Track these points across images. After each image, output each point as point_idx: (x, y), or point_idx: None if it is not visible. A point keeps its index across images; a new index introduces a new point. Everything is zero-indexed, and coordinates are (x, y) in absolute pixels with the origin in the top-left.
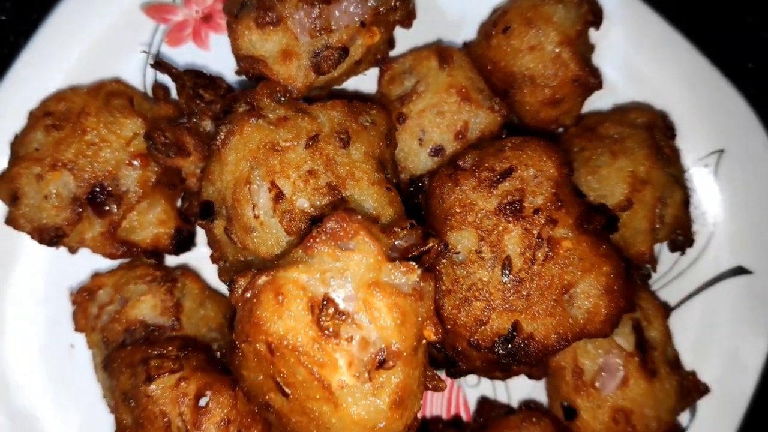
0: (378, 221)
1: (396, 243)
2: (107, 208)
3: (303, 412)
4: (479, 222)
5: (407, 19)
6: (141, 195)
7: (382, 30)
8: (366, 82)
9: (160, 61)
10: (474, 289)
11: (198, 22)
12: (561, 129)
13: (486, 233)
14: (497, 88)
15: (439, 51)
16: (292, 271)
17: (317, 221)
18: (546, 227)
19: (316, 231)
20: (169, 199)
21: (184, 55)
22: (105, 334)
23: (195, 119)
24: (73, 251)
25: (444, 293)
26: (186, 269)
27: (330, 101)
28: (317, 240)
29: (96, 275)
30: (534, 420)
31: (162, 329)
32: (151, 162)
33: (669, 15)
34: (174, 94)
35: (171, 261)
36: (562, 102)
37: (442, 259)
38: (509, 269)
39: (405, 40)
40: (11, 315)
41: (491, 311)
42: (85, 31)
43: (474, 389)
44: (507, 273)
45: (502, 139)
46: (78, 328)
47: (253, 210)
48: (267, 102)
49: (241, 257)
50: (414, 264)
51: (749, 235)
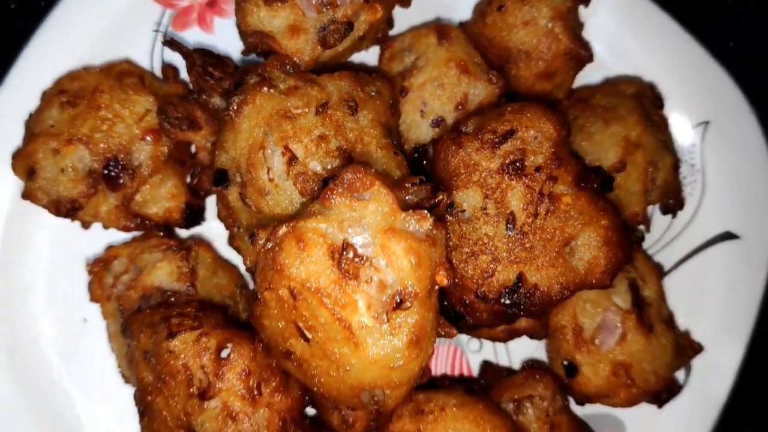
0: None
1: (407, 198)
2: (121, 181)
3: (324, 355)
4: (483, 181)
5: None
6: (153, 169)
7: (383, 7)
8: (368, 60)
9: (171, 40)
10: (480, 244)
11: (203, 7)
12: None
13: (490, 191)
14: (494, 63)
15: (438, 28)
16: (311, 221)
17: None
18: (547, 184)
19: (333, 183)
20: (180, 175)
21: (189, 39)
22: (121, 302)
23: (205, 96)
24: (87, 226)
25: (451, 249)
26: (199, 239)
27: (337, 72)
28: (334, 192)
29: (110, 247)
30: (537, 377)
31: (178, 294)
32: (163, 137)
33: None
34: (182, 74)
35: (181, 235)
36: (555, 75)
37: (449, 217)
38: (513, 224)
39: (403, 21)
40: (26, 290)
41: (497, 264)
42: (95, 15)
43: (476, 354)
44: (511, 227)
45: (502, 105)
46: (93, 298)
47: (268, 173)
48: (277, 73)
49: (255, 221)
50: (426, 212)
51: (736, 202)
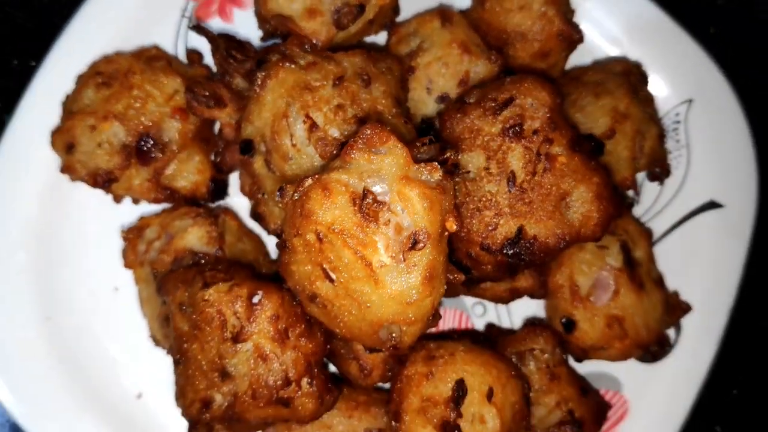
0: None
1: (418, 155)
2: (153, 155)
3: (346, 294)
4: (486, 144)
5: None
6: (181, 145)
7: None
8: (377, 43)
9: (198, 25)
10: (484, 200)
11: None
12: None
13: (492, 153)
14: (493, 46)
15: (441, 13)
16: (334, 174)
17: None
18: (543, 145)
19: (353, 140)
20: (205, 152)
21: (210, 28)
22: (154, 266)
23: (228, 77)
24: (119, 200)
25: (459, 206)
26: (225, 208)
27: (351, 50)
28: (354, 147)
29: (143, 217)
30: (537, 332)
31: (208, 257)
32: (190, 116)
33: None
34: (205, 59)
35: None
36: (549, 55)
37: (456, 177)
38: (513, 182)
39: (408, 8)
40: (61, 263)
41: (499, 218)
42: (124, 6)
43: (481, 318)
44: (512, 185)
45: (502, 77)
46: (127, 264)
47: (291, 140)
48: (297, 51)
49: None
50: (437, 164)
51: (719, 174)
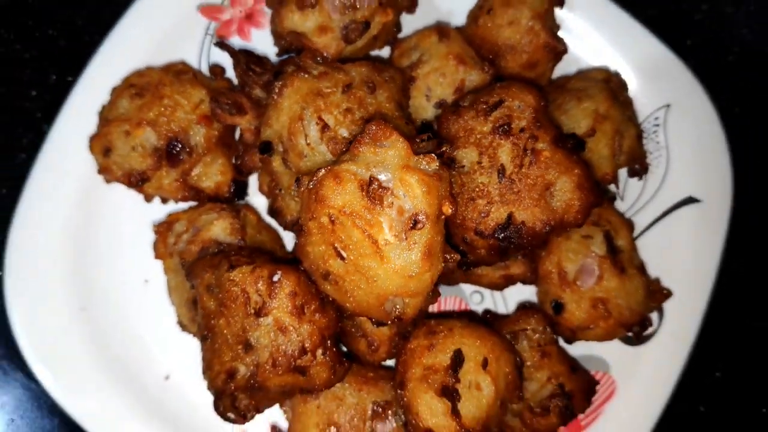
0: None
1: (417, 149)
2: (181, 158)
3: (356, 270)
4: (478, 141)
5: (412, 6)
6: (206, 149)
7: (393, 12)
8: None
9: (221, 42)
10: (477, 191)
11: (242, 20)
12: None
13: (484, 149)
14: (485, 58)
15: (438, 29)
16: (344, 165)
17: None
18: (529, 141)
19: (360, 136)
20: (227, 156)
21: (231, 45)
22: (182, 256)
23: (248, 88)
24: (149, 200)
25: (455, 196)
26: (245, 204)
27: (358, 62)
28: (361, 142)
29: (172, 213)
30: (529, 314)
31: (231, 246)
32: (214, 123)
33: (622, 3)
34: (227, 73)
35: None
36: (537, 65)
37: (452, 171)
38: (503, 174)
39: (409, 26)
40: (96, 258)
41: (491, 206)
42: (153, 27)
43: (478, 306)
44: (501, 176)
45: (493, 84)
46: (158, 255)
47: (305, 139)
48: (310, 63)
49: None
50: (434, 155)
51: (696, 171)
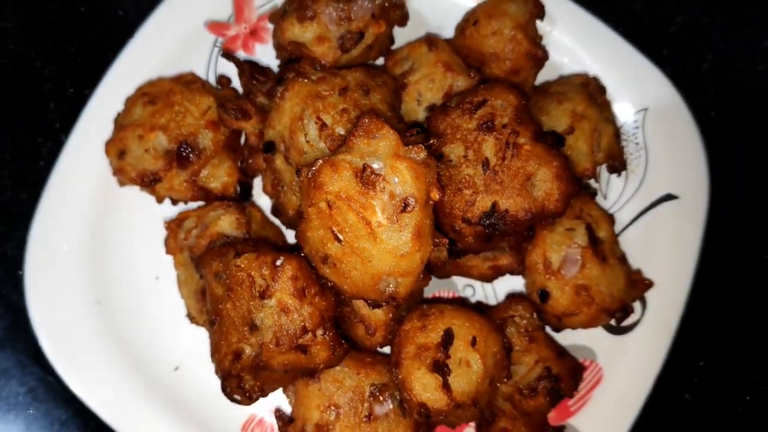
0: None
1: (407, 142)
2: (190, 160)
3: (352, 251)
4: (464, 137)
5: (403, 20)
6: (214, 152)
7: (386, 24)
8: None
9: (227, 53)
10: (463, 182)
11: (246, 36)
12: None
13: (469, 144)
14: (472, 66)
15: (428, 40)
16: (340, 155)
17: None
18: (511, 136)
19: (354, 129)
20: (233, 159)
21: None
22: (192, 250)
23: (252, 96)
24: (160, 201)
25: (444, 186)
26: (250, 202)
27: (353, 67)
28: (355, 134)
29: (182, 212)
30: (517, 301)
31: (237, 239)
32: (221, 128)
33: (602, 16)
34: (233, 83)
35: None
36: (519, 72)
37: (440, 164)
38: (487, 166)
39: (401, 39)
40: (110, 255)
41: (476, 195)
42: (164, 42)
43: (470, 299)
44: (486, 168)
45: (477, 86)
46: (168, 250)
47: (305, 137)
48: (309, 69)
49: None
50: (422, 146)
51: (674, 170)
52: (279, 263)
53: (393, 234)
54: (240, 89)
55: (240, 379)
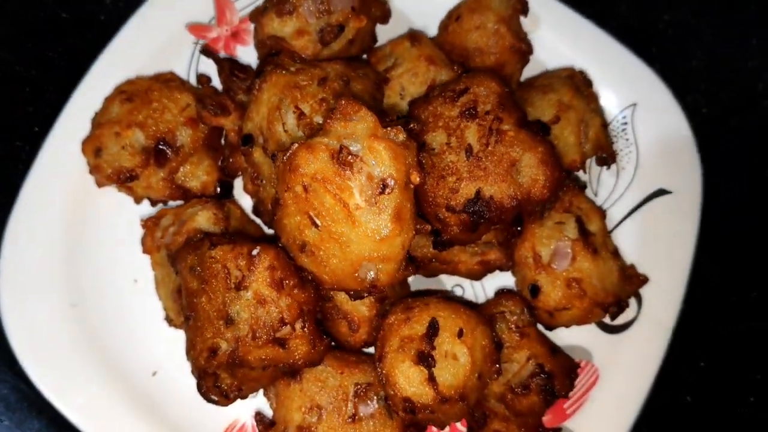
0: None
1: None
2: (168, 157)
3: (330, 237)
4: (447, 124)
5: (384, 17)
6: (192, 149)
7: (366, 18)
8: None
9: (207, 49)
10: (447, 169)
11: (228, 37)
12: None
13: (452, 131)
14: (456, 62)
15: (411, 35)
16: (317, 138)
17: None
18: (495, 122)
19: (331, 112)
20: (213, 158)
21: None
22: (168, 247)
23: (232, 93)
24: (138, 201)
25: (427, 174)
26: (230, 199)
27: (334, 60)
28: (333, 117)
29: (160, 210)
30: (507, 297)
31: (215, 234)
32: (200, 125)
33: (590, 16)
34: (213, 82)
35: None
36: (504, 66)
37: (423, 153)
38: (471, 152)
39: (384, 36)
40: (87, 257)
41: (460, 182)
42: (146, 43)
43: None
44: (469, 155)
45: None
46: (146, 249)
47: (283, 126)
48: (288, 61)
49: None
50: (401, 127)
51: (665, 165)
52: (255, 253)
53: (371, 216)
54: (220, 88)
55: (216, 378)
